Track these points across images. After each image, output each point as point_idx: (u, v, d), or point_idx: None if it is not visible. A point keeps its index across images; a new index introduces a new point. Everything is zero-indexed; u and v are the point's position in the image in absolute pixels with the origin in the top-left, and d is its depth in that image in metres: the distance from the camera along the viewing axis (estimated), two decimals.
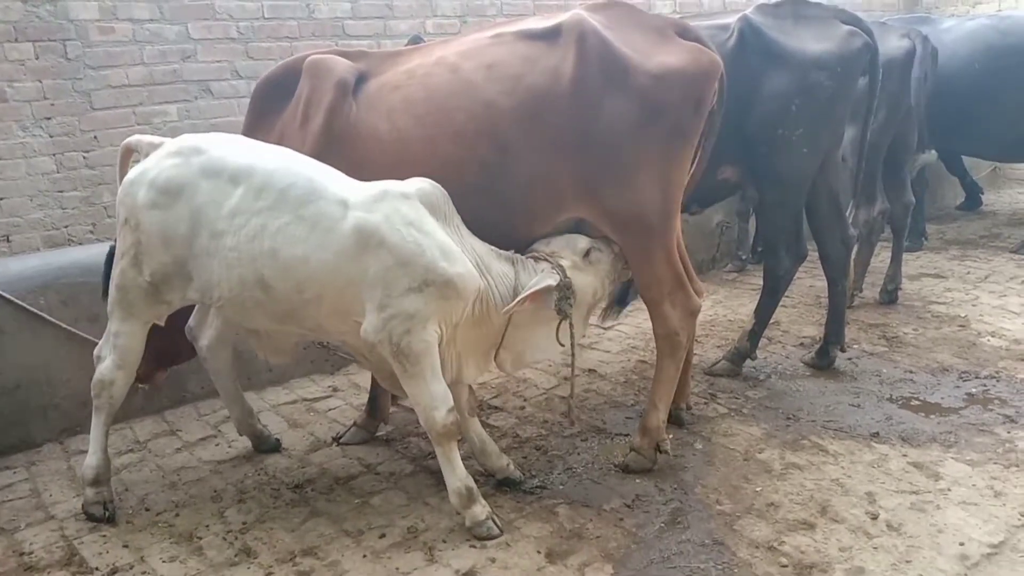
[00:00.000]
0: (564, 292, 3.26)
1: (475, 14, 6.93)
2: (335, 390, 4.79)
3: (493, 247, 3.30)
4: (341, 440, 4.08)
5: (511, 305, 3.15)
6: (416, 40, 4.52)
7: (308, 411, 4.52)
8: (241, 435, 3.98)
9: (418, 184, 3.15)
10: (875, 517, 3.15)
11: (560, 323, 3.33)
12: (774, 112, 4.02)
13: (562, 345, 3.37)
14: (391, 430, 4.17)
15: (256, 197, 3.07)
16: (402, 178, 3.21)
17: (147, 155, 3.31)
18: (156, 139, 3.37)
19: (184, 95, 5.70)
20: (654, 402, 3.62)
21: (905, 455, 3.62)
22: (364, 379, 4.74)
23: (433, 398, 3.07)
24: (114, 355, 3.34)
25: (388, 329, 3.00)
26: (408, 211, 3.04)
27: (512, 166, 3.35)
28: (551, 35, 3.37)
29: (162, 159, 3.20)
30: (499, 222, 3.35)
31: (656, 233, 3.43)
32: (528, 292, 3.15)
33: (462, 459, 3.24)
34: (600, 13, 3.41)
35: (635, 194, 3.36)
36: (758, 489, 3.41)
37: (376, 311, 3.01)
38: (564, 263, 3.33)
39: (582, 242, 3.42)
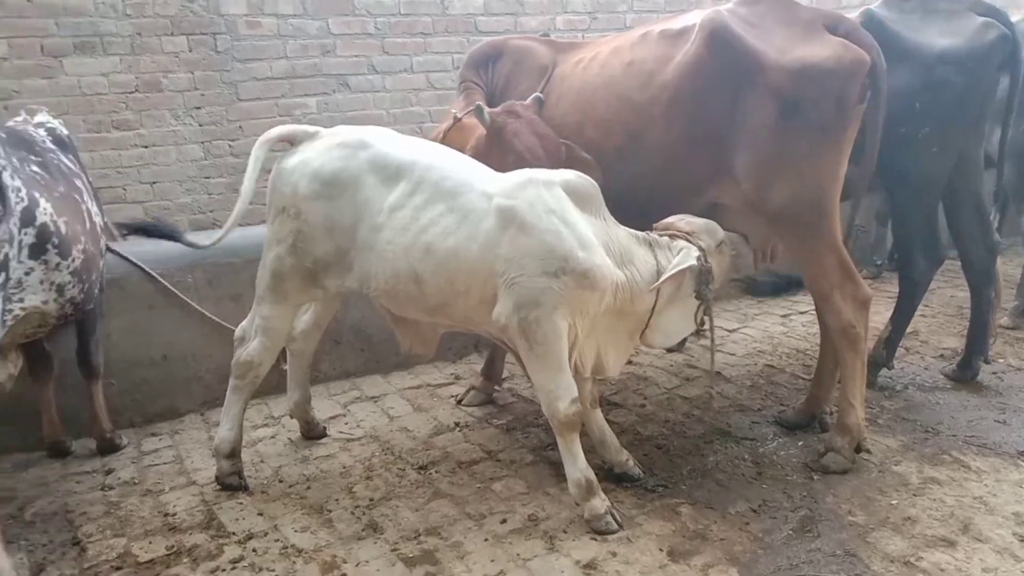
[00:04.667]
0: (704, 276, 3.26)
1: (605, 10, 6.92)
2: (457, 377, 4.87)
3: (633, 231, 3.30)
4: (461, 402, 4.42)
5: (658, 282, 3.17)
6: (544, 36, 4.58)
7: (431, 396, 4.62)
8: (292, 418, 4.12)
9: (565, 175, 3.18)
10: None
11: (699, 308, 3.34)
12: (897, 110, 3.80)
13: (700, 328, 3.39)
14: (511, 419, 4.22)
15: (414, 191, 3.16)
16: (566, 162, 3.42)
17: (301, 143, 3.41)
18: (310, 128, 3.47)
19: (323, 88, 5.92)
20: (848, 400, 3.53)
21: None
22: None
23: (558, 386, 3.08)
24: (263, 338, 3.48)
25: (521, 314, 3.02)
26: (550, 199, 3.07)
27: (645, 154, 3.53)
28: (686, 33, 3.49)
29: (326, 150, 3.29)
30: (638, 203, 3.43)
31: (811, 227, 3.40)
32: (673, 271, 3.16)
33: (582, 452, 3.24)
34: (747, 7, 3.46)
35: (781, 189, 3.35)
36: (894, 502, 3.27)
37: (510, 294, 3.03)
38: (703, 244, 3.32)
39: (720, 232, 3.44)
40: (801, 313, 5.76)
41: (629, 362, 4.95)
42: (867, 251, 6.64)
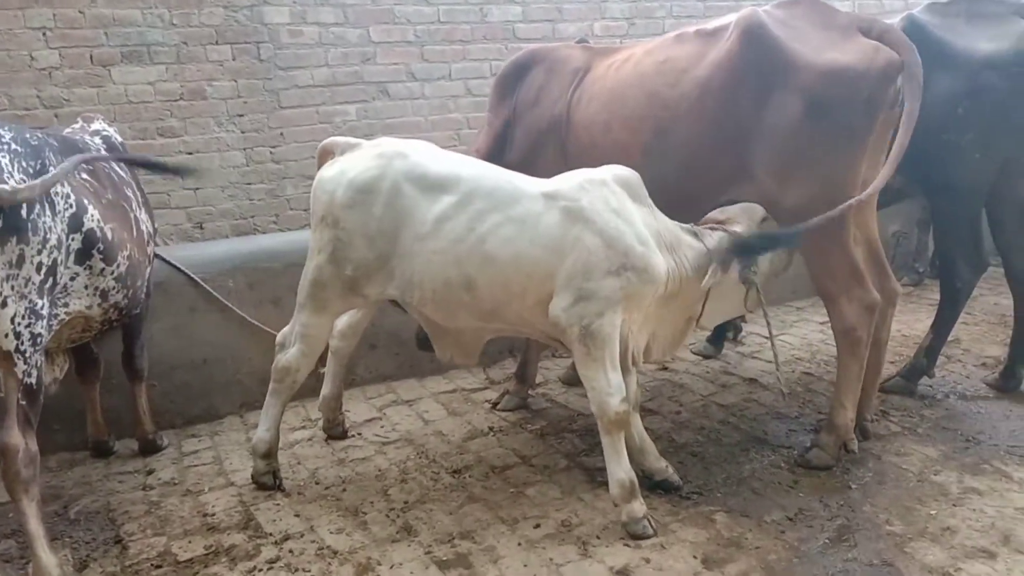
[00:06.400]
0: (744, 260, 3.32)
1: (643, 16, 6.89)
2: (492, 382, 4.89)
3: (678, 223, 3.37)
4: (496, 406, 4.43)
5: (706, 280, 3.22)
6: (583, 43, 4.60)
7: (466, 401, 4.65)
8: (319, 410, 4.18)
9: (615, 170, 3.28)
10: None
11: (748, 292, 3.41)
12: (940, 116, 3.77)
13: (750, 312, 3.46)
14: (545, 424, 4.23)
15: (463, 203, 3.20)
16: (590, 161, 3.45)
17: (343, 154, 3.47)
18: (352, 140, 3.55)
19: (363, 96, 5.98)
20: (840, 400, 3.60)
21: None
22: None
23: (610, 384, 3.11)
24: (302, 345, 3.53)
25: (580, 311, 3.07)
26: (611, 198, 3.16)
27: (671, 150, 3.57)
28: (721, 31, 3.53)
29: (363, 160, 3.35)
30: (663, 200, 3.41)
31: (824, 228, 3.35)
32: (717, 264, 3.23)
33: None
34: (784, 10, 3.48)
35: (798, 188, 3.38)
36: (932, 512, 3.22)
37: (570, 293, 3.09)
38: (739, 229, 3.39)
39: (759, 211, 3.50)
40: None
41: (664, 368, 4.95)
42: (908, 258, 6.54)
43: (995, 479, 3.43)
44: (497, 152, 4.08)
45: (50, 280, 2.93)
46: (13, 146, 2.85)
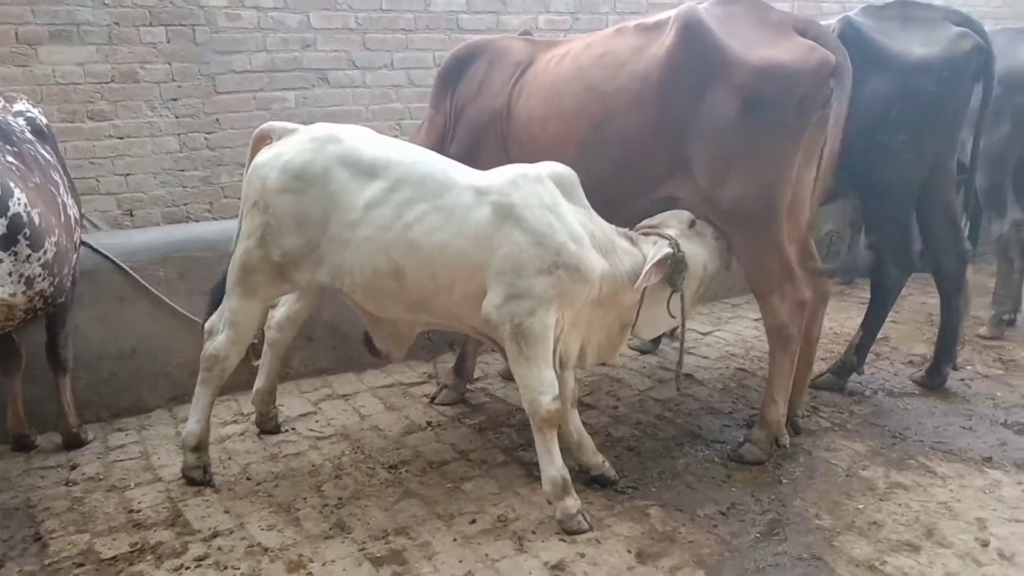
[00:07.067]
0: (676, 264, 3.31)
1: (587, 11, 6.90)
2: (430, 376, 4.85)
3: (613, 226, 3.35)
4: (435, 401, 4.41)
5: (640, 280, 3.18)
6: (526, 35, 4.58)
7: (404, 395, 4.60)
8: (252, 404, 4.10)
9: (551, 167, 3.24)
10: (986, 544, 3.00)
11: (671, 295, 3.38)
12: (873, 117, 3.86)
13: (673, 317, 3.43)
14: (483, 419, 4.21)
15: (393, 189, 3.16)
16: (530, 155, 3.44)
17: (279, 139, 3.40)
18: (289, 125, 3.48)
19: (302, 83, 5.85)
20: (772, 396, 3.66)
21: (1020, 483, 3.43)
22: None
23: (542, 382, 3.09)
24: (230, 332, 3.46)
25: (511, 309, 3.04)
26: (544, 194, 3.12)
27: (607, 144, 3.56)
28: (660, 26, 3.54)
29: (297, 144, 3.29)
30: (598, 197, 3.41)
31: (759, 226, 3.46)
32: (651, 264, 3.19)
33: None
34: (722, 7, 3.51)
35: (734, 185, 3.42)
36: (860, 506, 3.29)
37: (502, 290, 3.06)
38: (672, 233, 3.38)
39: (686, 214, 3.51)
40: None
41: (602, 364, 4.96)
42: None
43: (920, 474, 3.53)
44: (438, 146, 4.03)
45: None
46: None
